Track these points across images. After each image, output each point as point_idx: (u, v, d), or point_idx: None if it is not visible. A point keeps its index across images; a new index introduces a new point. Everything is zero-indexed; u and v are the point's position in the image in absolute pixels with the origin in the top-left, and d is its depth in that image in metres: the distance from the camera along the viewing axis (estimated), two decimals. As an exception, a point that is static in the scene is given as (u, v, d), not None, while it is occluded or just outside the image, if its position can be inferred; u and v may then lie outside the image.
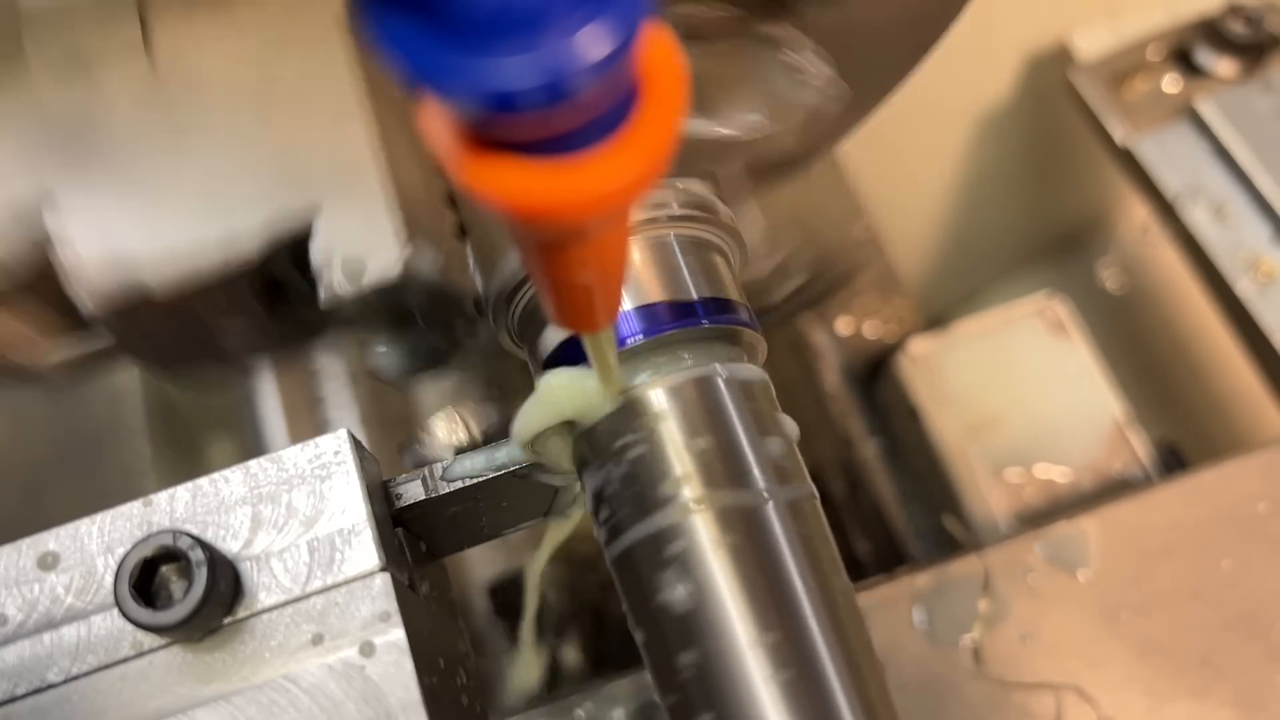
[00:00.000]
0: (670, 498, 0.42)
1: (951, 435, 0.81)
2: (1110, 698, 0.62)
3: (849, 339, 0.93)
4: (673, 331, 0.44)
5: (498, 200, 0.25)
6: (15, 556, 0.43)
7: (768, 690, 0.39)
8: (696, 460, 0.42)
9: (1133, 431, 0.80)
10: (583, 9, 0.22)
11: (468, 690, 0.49)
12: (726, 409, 0.44)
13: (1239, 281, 0.82)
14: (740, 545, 0.41)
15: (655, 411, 0.43)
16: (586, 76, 0.22)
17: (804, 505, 0.43)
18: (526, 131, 0.24)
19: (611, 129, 0.25)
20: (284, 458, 0.44)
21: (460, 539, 0.50)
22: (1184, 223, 0.86)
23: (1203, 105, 0.87)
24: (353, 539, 0.43)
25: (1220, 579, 0.65)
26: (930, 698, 0.62)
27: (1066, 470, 0.79)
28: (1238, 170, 0.85)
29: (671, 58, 0.26)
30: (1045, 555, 0.66)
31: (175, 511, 0.43)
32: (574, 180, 0.25)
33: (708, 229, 0.46)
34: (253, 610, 0.42)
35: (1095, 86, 0.91)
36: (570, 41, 0.22)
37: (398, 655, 0.41)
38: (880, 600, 0.65)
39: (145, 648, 0.42)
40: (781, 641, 0.40)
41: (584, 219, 0.26)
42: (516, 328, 0.48)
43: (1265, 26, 0.88)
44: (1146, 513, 0.67)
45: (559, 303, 0.34)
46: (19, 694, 0.41)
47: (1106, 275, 1.27)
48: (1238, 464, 0.69)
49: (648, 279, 0.44)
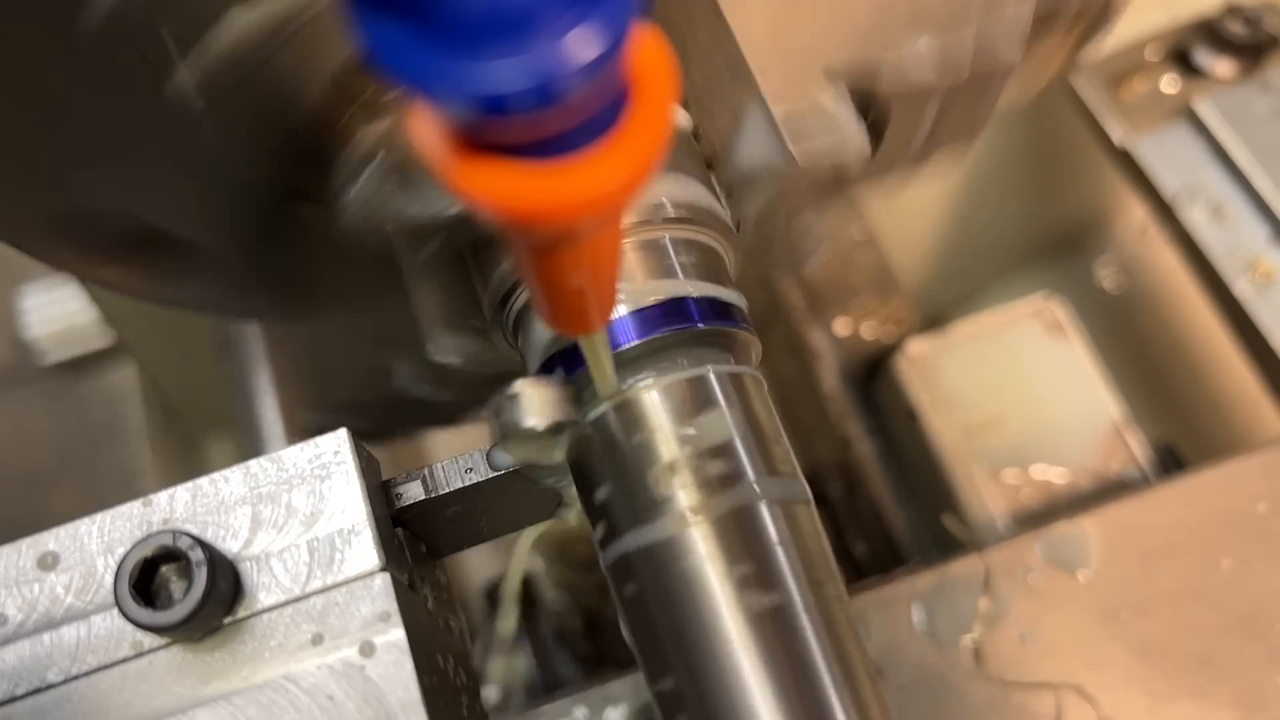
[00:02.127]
0: (665, 500, 0.42)
1: (949, 436, 0.81)
2: (1110, 698, 0.62)
3: (846, 339, 0.93)
4: (667, 334, 0.44)
5: (489, 203, 0.25)
6: (15, 556, 0.43)
7: (757, 682, 0.39)
8: (691, 462, 0.42)
9: (1130, 432, 0.80)
10: (572, 11, 0.22)
11: (467, 690, 0.49)
12: (721, 410, 0.44)
13: (1237, 282, 0.83)
14: (734, 547, 0.41)
15: (650, 412, 0.43)
16: (576, 79, 0.22)
17: (797, 507, 0.44)
18: (517, 134, 0.24)
19: (603, 131, 0.25)
20: (284, 458, 0.44)
21: (460, 539, 0.50)
22: (1182, 223, 0.86)
23: (1201, 106, 0.87)
24: (353, 539, 0.43)
25: (1220, 579, 0.65)
26: (930, 698, 0.62)
27: (1064, 471, 0.79)
28: (1236, 171, 0.85)
29: (662, 59, 0.26)
30: (1045, 555, 0.66)
31: (175, 511, 0.43)
32: (566, 183, 0.25)
33: (703, 230, 0.46)
34: (253, 610, 0.42)
35: (1093, 87, 0.91)
36: (560, 44, 0.22)
37: (398, 655, 0.41)
38: (880, 600, 0.65)
39: (145, 648, 0.42)
40: (775, 641, 0.40)
41: (576, 221, 0.26)
42: (511, 330, 0.48)
43: (1264, 27, 0.88)
44: (1146, 513, 0.67)
45: (552, 306, 0.34)
46: (19, 694, 0.41)
47: (1104, 276, 1.27)
48: (1238, 464, 0.69)
49: (643, 281, 0.44)
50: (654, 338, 0.43)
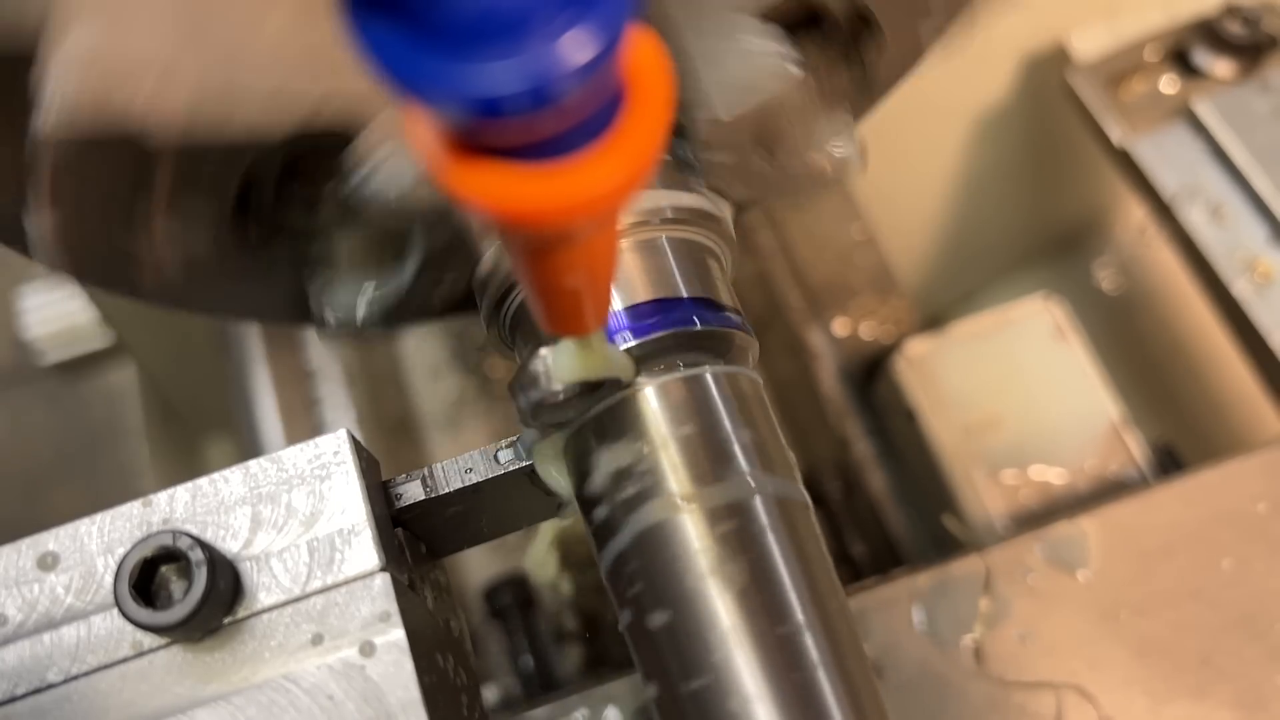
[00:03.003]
0: (660, 496, 0.42)
1: (948, 436, 0.81)
2: (1110, 698, 0.62)
3: (845, 340, 0.93)
4: (664, 334, 0.44)
5: (485, 206, 0.25)
6: (15, 557, 0.43)
7: (754, 683, 0.40)
8: (686, 459, 0.42)
9: (1129, 433, 0.80)
10: (566, 14, 0.22)
11: (467, 690, 0.49)
12: (717, 409, 0.44)
13: (1236, 282, 0.83)
14: (729, 541, 0.41)
15: (646, 411, 0.43)
16: (571, 81, 0.22)
17: (792, 505, 0.44)
18: (513, 137, 0.24)
19: (598, 133, 0.25)
20: (283, 458, 0.44)
21: (460, 539, 0.50)
22: (1181, 223, 0.86)
23: (1200, 106, 0.87)
24: (352, 539, 0.43)
25: (1220, 579, 0.65)
26: (930, 697, 0.62)
27: (1062, 472, 0.79)
28: (1235, 171, 0.85)
29: (656, 61, 0.26)
30: (1045, 555, 0.66)
31: (175, 512, 0.43)
32: (561, 185, 0.25)
33: (700, 231, 0.46)
34: (253, 610, 0.42)
35: (1093, 87, 0.91)
36: (554, 46, 0.22)
37: (398, 655, 0.41)
38: (880, 600, 0.65)
39: (145, 648, 0.42)
40: (770, 636, 0.40)
41: (572, 223, 0.26)
42: (507, 331, 0.48)
43: (1263, 27, 0.88)
44: (1146, 513, 0.68)
45: (548, 307, 0.34)
46: (19, 694, 0.41)
47: (1103, 276, 1.27)
48: (1237, 464, 0.69)
49: (639, 281, 0.44)
50: (650, 338, 0.43)
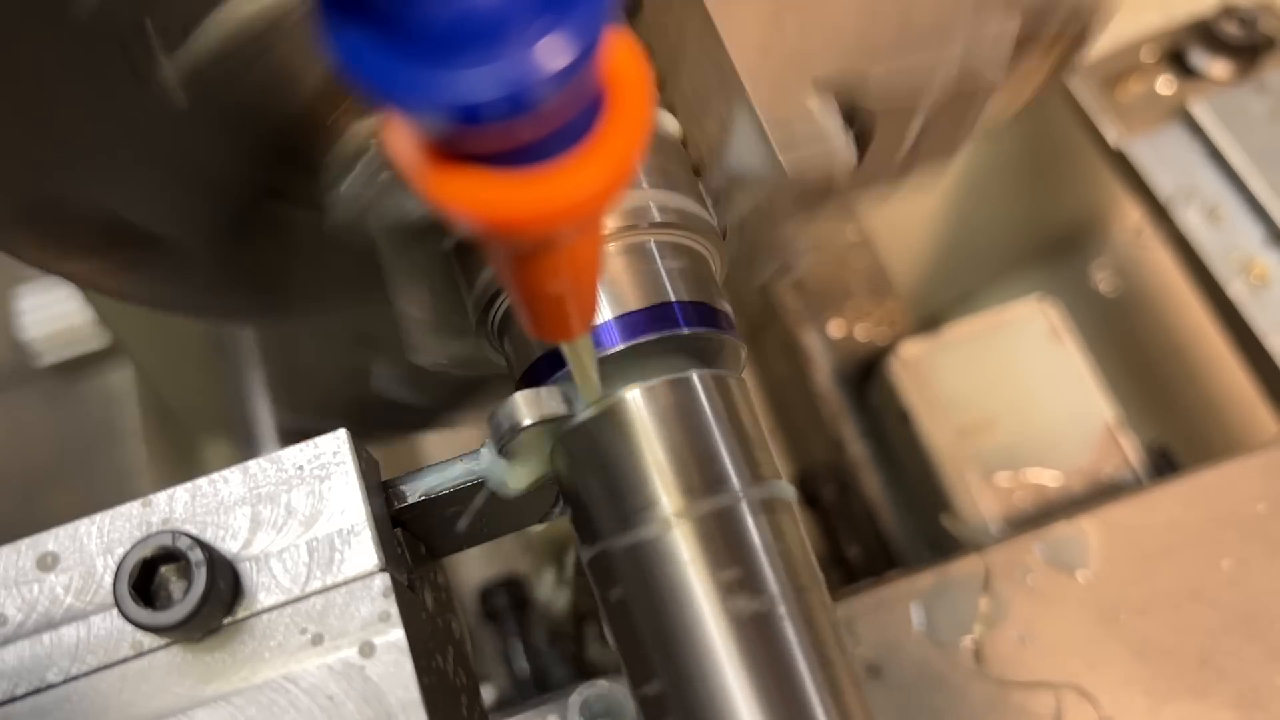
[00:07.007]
0: (647, 505, 0.42)
1: (942, 438, 0.81)
2: (1110, 698, 0.62)
3: (840, 341, 0.93)
4: (652, 338, 0.44)
5: (465, 213, 0.25)
6: (14, 557, 0.43)
7: (740, 686, 0.40)
8: (674, 465, 0.42)
9: (1124, 435, 0.80)
10: (543, 18, 0.22)
11: (467, 690, 0.49)
12: (704, 414, 0.44)
13: (1232, 284, 0.83)
14: (717, 550, 0.41)
15: (632, 417, 0.43)
16: (549, 86, 0.22)
17: (780, 511, 0.44)
18: (491, 143, 0.24)
19: (578, 138, 0.25)
20: (283, 458, 0.44)
21: (460, 539, 0.50)
22: (1177, 225, 0.86)
23: (1196, 107, 0.87)
24: (352, 539, 0.43)
25: (1220, 579, 0.65)
26: (930, 698, 0.62)
27: (1057, 474, 0.79)
28: (1231, 172, 0.85)
29: (636, 64, 0.26)
30: (1045, 556, 0.66)
31: (174, 512, 0.43)
32: (542, 191, 0.25)
33: (689, 235, 0.46)
34: (252, 610, 0.42)
35: (1088, 88, 0.91)
36: (531, 52, 0.22)
37: (397, 655, 0.41)
38: (880, 600, 0.65)
39: (145, 648, 0.42)
40: (758, 646, 0.40)
41: (553, 229, 0.26)
42: (496, 334, 0.48)
43: (1259, 28, 0.88)
44: (1146, 513, 0.68)
45: (534, 313, 0.34)
46: (18, 694, 0.41)
47: (1099, 278, 1.28)
48: (1237, 464, 0.69)
49: (626, 286, 0.44)
50: (638, 342, 0.43)
